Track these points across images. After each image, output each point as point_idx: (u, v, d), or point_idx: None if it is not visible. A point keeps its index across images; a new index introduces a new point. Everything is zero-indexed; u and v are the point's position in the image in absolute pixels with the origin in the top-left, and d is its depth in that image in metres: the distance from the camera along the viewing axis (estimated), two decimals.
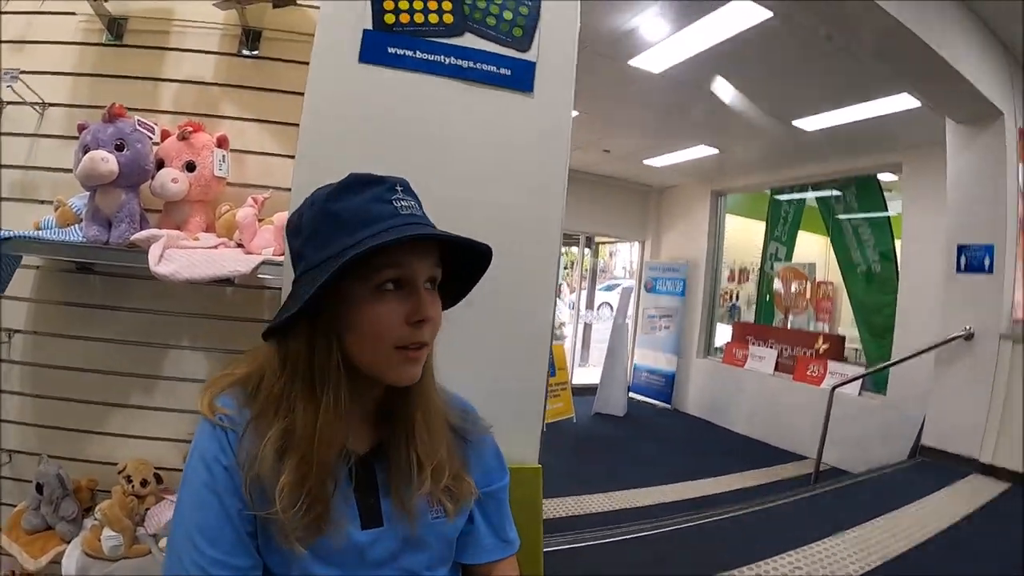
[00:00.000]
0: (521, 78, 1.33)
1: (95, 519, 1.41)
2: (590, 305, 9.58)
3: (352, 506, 0.82)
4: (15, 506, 1.54)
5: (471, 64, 1.30)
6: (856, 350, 6.20)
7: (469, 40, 1.32)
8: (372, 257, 0.74)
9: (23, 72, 1.57)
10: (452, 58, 1.30)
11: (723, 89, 4.57)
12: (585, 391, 7.03)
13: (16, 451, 1.62)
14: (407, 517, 0.83)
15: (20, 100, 1.61)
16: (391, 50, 1.27)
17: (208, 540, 0.74)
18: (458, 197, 1.26)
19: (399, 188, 0.81)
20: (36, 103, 1.63)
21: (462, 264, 0.87)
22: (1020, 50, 3.94)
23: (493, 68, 1.31)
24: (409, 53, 1.28)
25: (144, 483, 1.49)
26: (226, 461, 0.77)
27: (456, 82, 1.30)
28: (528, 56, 1.34)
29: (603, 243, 10.08)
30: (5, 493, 1.61)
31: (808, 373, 5.83)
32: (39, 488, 1.45)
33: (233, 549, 0.75)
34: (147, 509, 1.49)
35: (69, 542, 1.42)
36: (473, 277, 0.91)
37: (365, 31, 1.27)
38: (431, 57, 1.29)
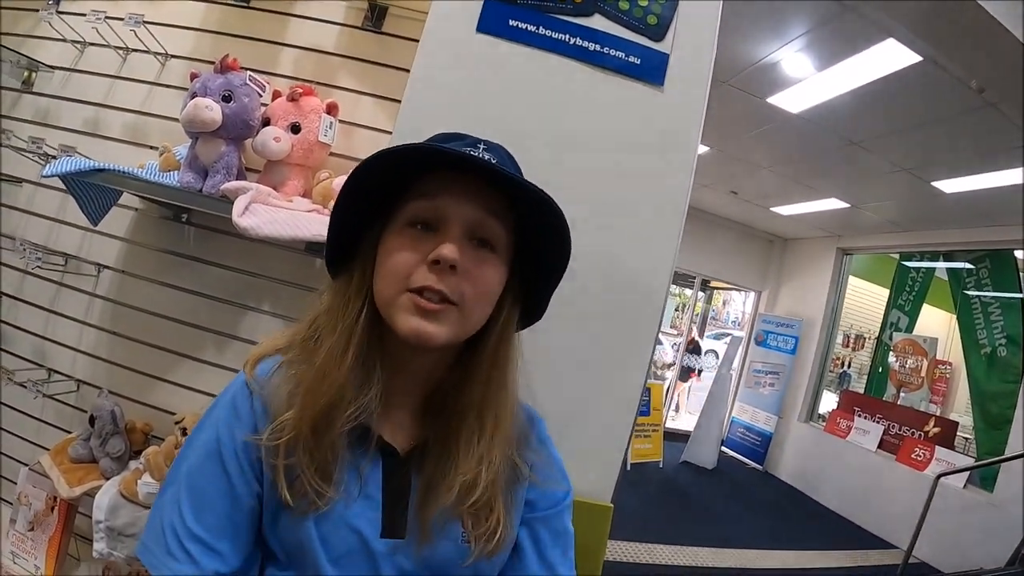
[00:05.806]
0: (652, 69, 1.20)
1: (139, 463, 1.38)
2: (696, 351, 9.18)
3: (376, 507, 0.70)
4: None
5: (598, 47, 1.19)
6: (967, 439, 5.73)
7: (598, 22, 1.20)
8: (405, 192, 0.69)
9: (148, 23, 1.61)
10: (578, 39, 1.19)
11: (863, 138, 4.24)
12: (677, 437, 6.78)
13: (84, 382, 1.64)
14: (422, 533, 0.70)
15: (144, 49, 1.66)
16: (512, 23, 1.18)
17: (194, 509, 0.65)
18: (563, 188, 1.12)
19: (480, 145, 0.72)
20: (159, 53, 1.68)
21: (544, 245, 0.74)
22: None
23: (622, 54, 1.19)
24: (532, 28, 1.18)
25: None
26: (243, 432, 0.68)
27: (579, 64, 1.19)
28: (661, 47, 1.21)
29: (718, 289, 9.65)
30: (66, 421, 1.65)
31: (913, 456, 5.35)
32: (91, 420, 1.45)
33: (219, 530, 0.65)
34: None
35: (109, 479, 1.39)
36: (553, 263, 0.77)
37: (486, 0, 1.18)
38: (555, 35, 1.19)
